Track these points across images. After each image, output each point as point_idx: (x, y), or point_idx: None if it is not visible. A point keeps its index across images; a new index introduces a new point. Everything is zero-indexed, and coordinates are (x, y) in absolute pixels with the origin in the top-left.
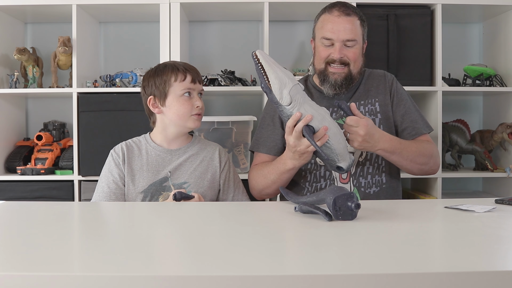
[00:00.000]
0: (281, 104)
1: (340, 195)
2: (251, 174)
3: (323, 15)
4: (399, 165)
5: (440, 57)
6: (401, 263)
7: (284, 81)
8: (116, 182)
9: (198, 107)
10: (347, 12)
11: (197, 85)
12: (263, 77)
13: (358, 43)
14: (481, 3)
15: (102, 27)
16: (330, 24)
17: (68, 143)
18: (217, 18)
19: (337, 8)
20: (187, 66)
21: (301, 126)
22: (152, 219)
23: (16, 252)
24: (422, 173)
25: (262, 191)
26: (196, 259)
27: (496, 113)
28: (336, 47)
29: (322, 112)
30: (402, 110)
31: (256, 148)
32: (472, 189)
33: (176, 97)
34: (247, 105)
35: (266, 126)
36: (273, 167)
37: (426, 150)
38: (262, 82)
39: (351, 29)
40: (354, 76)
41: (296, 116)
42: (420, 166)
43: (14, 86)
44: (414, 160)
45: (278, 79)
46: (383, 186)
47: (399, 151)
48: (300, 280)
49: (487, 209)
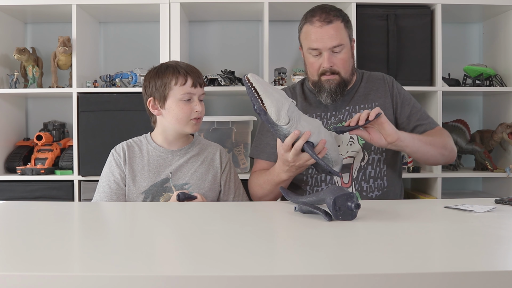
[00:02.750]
0: (278, 125)
1: (340, 195)
2: (250, 181)
3: (305, 26)
4: (422, 156)
5: (440, 57)
6: (401, 263)
7: (281, 102)
8: (117, 182)
9: (197, 111)
10: (328, 20)
11: (197, 89)
12: (256, 99)
13: (345, 46)
14: (481, 3)
15: (102, 27)
16: (314, 35)
17: (68, 143)
18: (217, 18)
19: (317, 17)
20: (188, 69)
21: (301, 144)
22: (152, 219)
23: (16, 252)
24: (443, 160)
25: (261, 198)
26: (196, 259)
27: (496, 113)
28: (325, 57)
29: (316, 125)
30: (407, 111)
31: (256, 155)
32: (472, 189)
33: (175, 100)
34: (247, 105)
35: (265, 133)
36: (267, 178)
37: (438, 133)
38: (255, 105)
39: (335, 36)
40: (347, 80)
41: (295, 134)
42: (441, 150)
43: (14, 86)
44: (435, 145)
45: (275, 102)
46: (384, 190)
47: (418, 140)
48: (300, 280)
49: (487, 209)
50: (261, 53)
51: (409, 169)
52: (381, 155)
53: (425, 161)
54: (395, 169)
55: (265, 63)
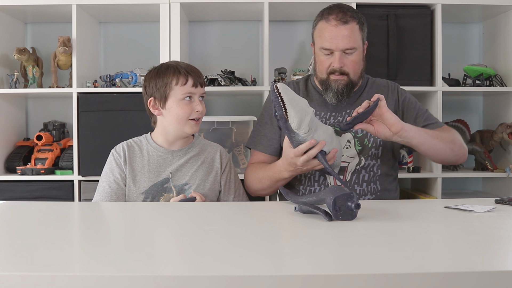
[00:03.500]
0: (296, 133)
1: (340, 195)
2: (247, 173)
3: (321, 22)
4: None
5: (440, 57)
6: (401, 263)
7: (304, 113)
8: (118, 182)
9: (198, 111)
10: (344, 20)
11: (198, 89)
12: (280, 107)
13: (357, 49)
14: (481, 3)
15: (102, 27)
16: (328, 33)
17: (68, 143)
18: (217, 18)
19: (334, 15)
20: (189, 69)
21: (315, 152)
22: (152, 219)
23: (16, 252)
24: (454, 156)
25: (257, 192)
26: (196, 259)
27: (496, 113)
28: (336, 57)
29: (330, 133)
30: (413, 114)
31: (252, 145)
32: (472, 189)
33: (176, 100)
34: (247, 105)
35: (264, 124)
36: (267, 174)
37: (445, 130)
38: (277, 111)
39: (349, 37)
40: (355, 82)
41: (311, 143)
42: (450, 145)
43: (14, 86)
44: (442, 139)
45: (299, 113)
46: (377, 193)
47: (424, 132)
48: (300, 280)
49: (487, 209)
50: (261, 53)
51: (409, 169)
52: (376, 161)
53: (434, 155)
54: (390, 173)
55: (265, 63)
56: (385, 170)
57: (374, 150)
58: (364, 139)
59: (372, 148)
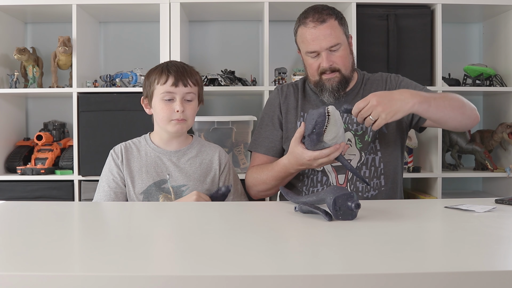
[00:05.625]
0: (326, 142)
1: (340, 195)
2: (249, 176)
3: (300, 28)
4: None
5: (440, 57)
6: (401, 263)
7: (340, 133)
8: (117, 181)
9: (177, 111)
10: (321, 19)
11: (179, 89)
12: (323, 123)
13: (342, 44)
14: (481, 3)
15: (102, 27)
16: (309, 36)
17: (68, 143)
18: (217, 18)
19: (310, 18)
20: (173, 68)
21: (337, 155)
22: (151, 219)
23: (16, 252)
24: (466, 119)
25: (261, 193)
26: (196, 259)
27: (496, 113)
28: (323, 57)
29: (343, 131)
30: None
31: (254, 148)
32: (472, 189)
33: (157, 100)
34: (247, 105)
35: (265, 127)
36: (272, 174)
37: (451, 94)
38: (317, 129)
39: (331, 35)
40: (348, 77)
41: (336, 148)
42: (461, 110)
43: (14, 86)
44: (452, 103)
45: (335, 133)
46: (381, 189)
47: (433, 97)
48: (300, 280)
49: (487, 209)
50: (261, 53)
51: (409, 169)
52: (375, 154)
53: (444, 118)
54: (394, 168)
55: (265, 63)
56: (389, 162)
57: (372, 144)
58: (364, 136)
59: (371, 143)
